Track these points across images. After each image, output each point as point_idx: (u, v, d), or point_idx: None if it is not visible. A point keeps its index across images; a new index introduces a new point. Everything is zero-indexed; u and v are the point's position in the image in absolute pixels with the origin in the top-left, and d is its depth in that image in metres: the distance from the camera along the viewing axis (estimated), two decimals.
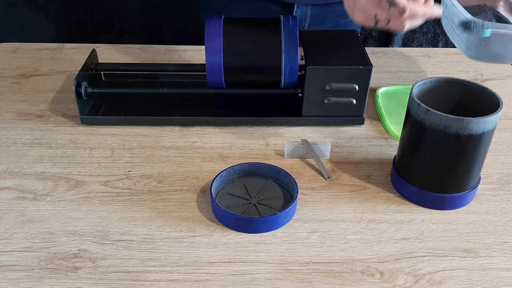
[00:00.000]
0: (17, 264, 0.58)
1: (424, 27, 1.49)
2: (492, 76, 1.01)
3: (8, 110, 0.87)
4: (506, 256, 0.60)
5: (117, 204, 0.67)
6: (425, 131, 0.62)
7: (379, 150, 0.78)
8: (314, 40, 0.84)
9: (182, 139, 0.80)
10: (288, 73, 0.79)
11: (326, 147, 0.76)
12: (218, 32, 0.77)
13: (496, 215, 0.66)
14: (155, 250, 0.60)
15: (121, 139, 0.79)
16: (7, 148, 0.77)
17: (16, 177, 0.71)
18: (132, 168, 0.73)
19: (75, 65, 1.01)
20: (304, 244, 0.61)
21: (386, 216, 0.66)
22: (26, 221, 0.64)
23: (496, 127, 0.62)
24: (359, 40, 0.85)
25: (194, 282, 0.56)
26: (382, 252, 0.60)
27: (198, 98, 0.87)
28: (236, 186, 0.69)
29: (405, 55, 1.08)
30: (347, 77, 0.77)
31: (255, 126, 0.83)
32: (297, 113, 0.83)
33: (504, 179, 0.73)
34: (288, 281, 0.57)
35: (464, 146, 0.61)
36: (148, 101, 0.86)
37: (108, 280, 0.56)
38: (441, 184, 0.65)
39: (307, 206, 0.67)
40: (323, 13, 1.03)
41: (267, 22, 0.79)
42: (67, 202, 0.67)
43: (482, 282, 0.57)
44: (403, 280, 0.57)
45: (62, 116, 0.85)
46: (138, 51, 1.07)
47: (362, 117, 0.82)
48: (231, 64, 0.78)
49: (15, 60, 1.03)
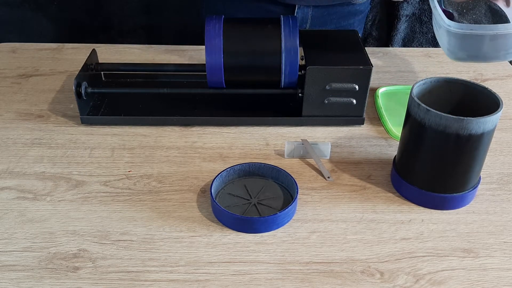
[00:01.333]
0: (17, 264, 0.58)
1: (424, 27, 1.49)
2: (492, 76, 1.01)
3: (8, 110, 0.87)
4: (506, 256, 0.60)
5: (117, 204, 0.67)
6: (425, 131, 0.62)
7: (379, 150, 0.78)
8: (314, 40, 0.84)
9: (182, 139, 0.80)
10: (288, 73, 0.79)
11: (326, 147, 0.76)
12: (218, 32, 0.77)
13: (496, 215, 0.66)
14: (155, 250, 0.60)
15: (121, 139, 0.79)
16: (7, 148, 0.77)
17: (16, 177, 0.71)
18: (132, 168, 0.73)
19: (75, 65, 1.01)
20: (304, 244, 0.61)
21: (386, 216, 0.66)
22: (26, 221, 0.64)
23: (496, 127, 0.62)
24: (359, 40, 0.85)
25: (194, 282, 0.56)
26: (382, 252, 0.60)
27: (198, 98, 0.87)
28: (236, 186, 0.69)
29: (405, 55, 1.08)
30: (347, 77, 0.77)
31: (255, 126, 0.83)
32: (297, 113, 0.83)
33: (504, 179, 0.73)
34: (288, 281, 0.57)
35: (464, 146, 0.61)
36: (148, 101, 0.86)
37: (108, 280, 0.56)
38: (441, 184, 0.65)
39: (307, 206, 0.67)
40: (325, 15, 1.03)
41: (267, 22, 0.79)
42: (67, 202, 0.67)
43: (482, 282, 0.57)
44: (403, 280, 0.57)
45: (62, 116, 0.85)
46: (138, 51, 1.07)
47: (362, 117, 0.82)
48: (231, 64, 0.78)
49: (15, 60, 1.03)
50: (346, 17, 1.06)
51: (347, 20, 1.07)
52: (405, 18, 1.47)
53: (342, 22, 1.06)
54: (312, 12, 1.02)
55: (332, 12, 1.03)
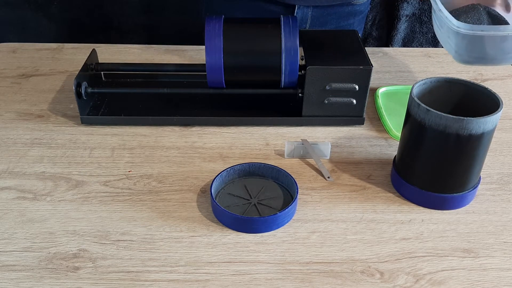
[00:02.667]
0: (17, 264, 0.58)
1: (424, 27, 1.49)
2: (492, 76, 1.01)
3: (8, 110, 0.87)
4: (506, 256, 0.60)
5: (117, 204, 0.67)
6: (425, 131, 0.62)
7: (379, 150, 0.78)
8: (314, 40, 0.84)
9: (182, 139, 0.80)
10: (288, 73, 0.79)
11: (326, 147, 0.76)
12: (218, 32, 0.77)
13: (496, 215, 0.66)
14: (155, 250, 0.60)
15: (121, 139, 0.79)
16: (7, 148, 0.77)
17: (16, 177, 0.71)
18: (132, 168, 0.73)
19: (75, 65, 1.01)
20: (304, 244, 0.61)
21: (386, 216, 0.66)
22: (26, 221, 0.64)
23: (496, 127, 0.62)
24: (359, 40, 0.85)
25: (194, 282, 0.56)
26: (382, 252, 0.60)
27: (198, 98, 0.87)
28: (236, 186, 0.69)
29: (405, 55, 1.08)
30: (347, 77, 0.77)
31: (255, 126, 0.83)
32: (297, 113, 0.83)
33: (504, 179, 0.73)
34: (288, 281, 0.57)
35: (464, 146, 0.61)
36: (148, 101, 0.86)
37: (108, 280, 0.56)
38: (441, 184, 0.65)
39: (307, 206, 0.67)
40: (324, 15, 1.03)
41: (267, 22, 0.79)
42: (67, 202, 0.67)
43: (482, 282, 0.57)
44: (403, 280, 0.57)
45: (62, 116, 0.85)
46: (138, 51, 1.07)
47: (362, 117, 0.82)
48: (231, 64, 0.78)
49: (15, 60, 1.03)
50: (346, 17, 1.06)
51: (347, 20, 1.07)
52: (405, 18, 1.47)
53: (341, 22, 1.06)
54: (312, 12, 1.02)
55: (332, 12, 1.03)
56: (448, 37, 0.69)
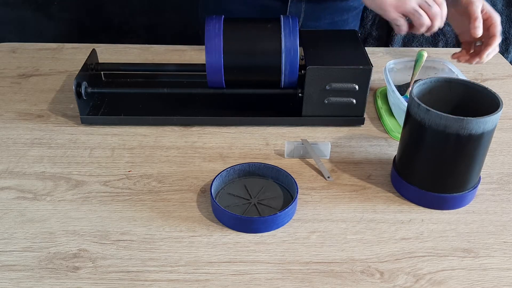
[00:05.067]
0: (17, 264, 0.58)
1: None
2: (492, 76, 1.01)
3: (8, 110, 0.87)
4: (506, 256, 0.60)
5: (117, 204, 0.67)
6: (425, 131, 0.62)
7: (379, 150, 0.78)
8: (314, 40, 0.84)
9: (182, 139, 0.80)
10: (288, 73, 0.79)
11: (326, 147, 0.76)
12: (218, 32, 0.77)
13: (496, 215, 0.66)
14: (155, 250, 0.60)
15: (121, 139, 0.79)
16: (7, 148, 0.77)
17: (16, 177, 0.71)
18: (132, 168, 0.73)
19: (75, 65, 1.01)
20: (304, 244, 0.61)
21: (386, 216, 0.66)
22: (26, 221, 0.64)
23: (496, 127, 0.62)
24: (359, 40, 0.85)
25: (194, 282, 0.56)
26: (382, 252, 0.60)
27: (198, 98, 0.87)
28: (236, 186, 0.69)
29: (405, 55, 1.08)
30: (347, 77, 0.77)
31: (255, 126, 0.83)
32: (297, 113, 0.83)
33: (504, 179, 0.73)
34: (288, 281, 0.57)
35: (464, 146, 0.61)
36: (148, 101, 0.86)
37: (108, 280, 0.56)
38: (441, 184, 0.65)
39: (307, 206, 0.67)
40: (318, 9, 1.03)
41: (267, 22, 0.79)
42: (67, 202, 0.67)
43: (482, 282, 0.57)
44: (403, 280, 0.57)
45: (62, 116, 0.85)
46: (138, 51, 1.07)
47: (362, 117, 0.82)
48: (231, 64, 0.78)
49: (15, 60, 1.03)
50: (340, 12, 1.05)
51: (341, 16, 1.06)
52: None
53: (335, 18, 1.05)
54: (305, 6, 1.01)
55: (325, 7, 1.03)
56: None
